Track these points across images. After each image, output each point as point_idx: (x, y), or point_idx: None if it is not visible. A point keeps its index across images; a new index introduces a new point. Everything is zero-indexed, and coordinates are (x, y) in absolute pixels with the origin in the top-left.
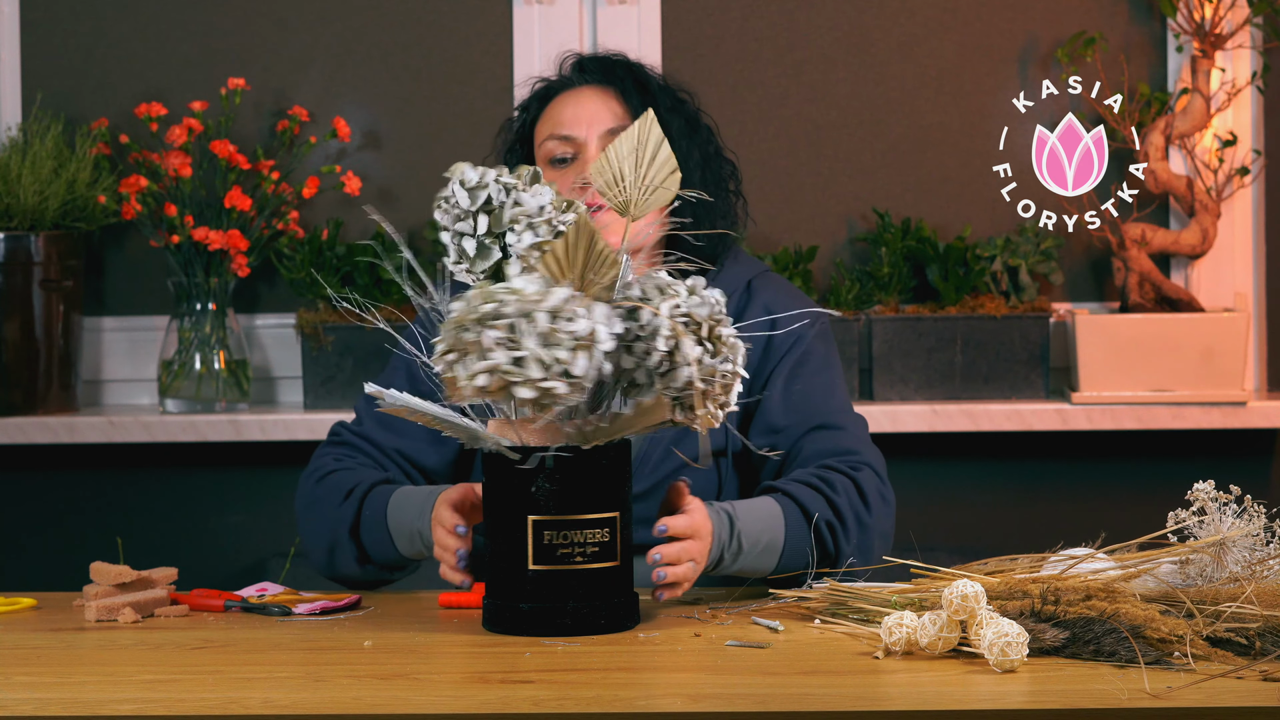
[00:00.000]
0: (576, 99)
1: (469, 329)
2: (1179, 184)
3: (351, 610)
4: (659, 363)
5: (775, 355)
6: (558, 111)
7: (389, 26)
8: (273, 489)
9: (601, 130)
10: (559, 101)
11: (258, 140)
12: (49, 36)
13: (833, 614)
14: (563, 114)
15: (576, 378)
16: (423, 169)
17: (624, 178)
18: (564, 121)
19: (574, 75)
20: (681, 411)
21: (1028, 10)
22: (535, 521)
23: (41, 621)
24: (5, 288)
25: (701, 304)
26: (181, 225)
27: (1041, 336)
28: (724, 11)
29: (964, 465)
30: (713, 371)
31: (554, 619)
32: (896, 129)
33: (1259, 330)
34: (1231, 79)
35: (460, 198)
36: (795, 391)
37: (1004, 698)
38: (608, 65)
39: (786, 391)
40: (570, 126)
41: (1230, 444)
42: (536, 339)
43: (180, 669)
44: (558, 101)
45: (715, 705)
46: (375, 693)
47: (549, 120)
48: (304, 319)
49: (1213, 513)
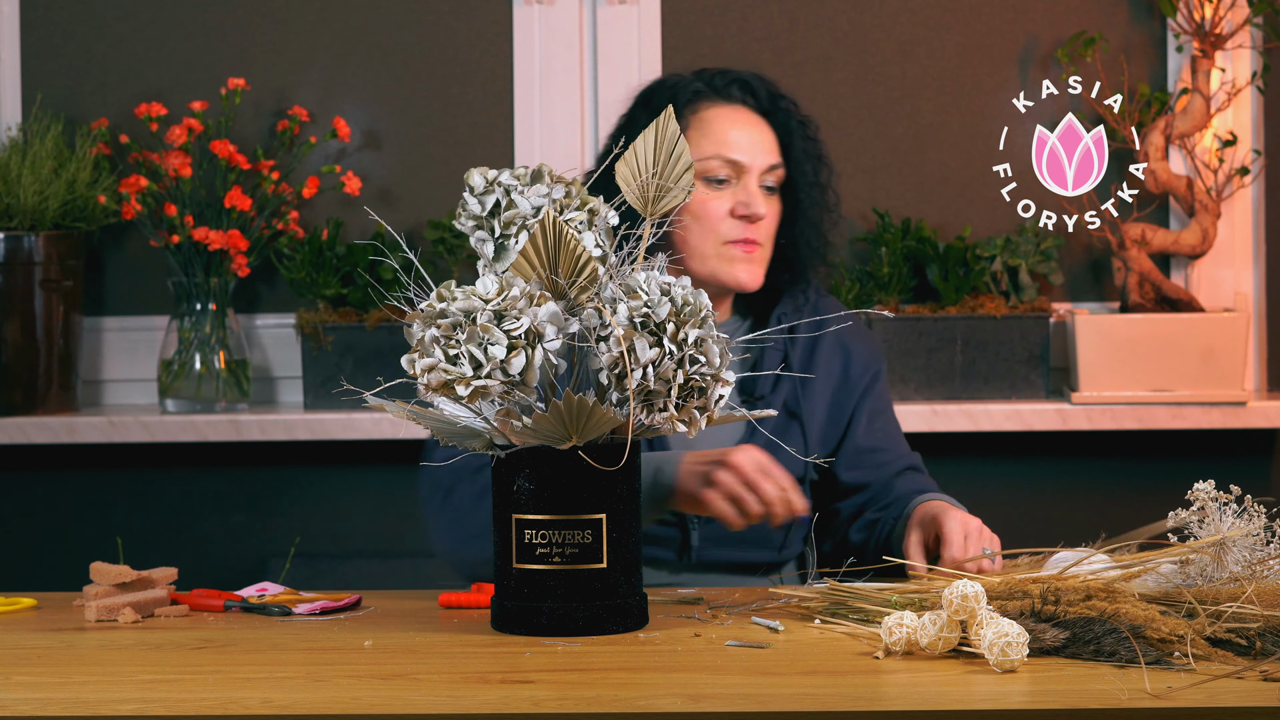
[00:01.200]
0: (743, 122)
1: (415, 327)
2: (1179, 184)
3: (351, 610)
4: (613, 363)
5: (855, 388)
6: (723, 129)
7: (389, 26)
8: (273, 489)
9: (765, 164)
10: (720, 117)
11: (258, 140)
12: (49, 36)
13: (833, 614)
14: (731, 134)
15: (511, 375)
16: (423, 169)
17: (643, 174)
18: (734, 144)
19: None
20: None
21: (1028, 10)
22: (518, 520)
23: (41, 621)
24: (5, 288)
25: (663, 305)
26: (181, 225)
27: (1041, 336)
28: (724, 11)
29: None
30: (669, 373)
31: (531, 618)
32: (896, 129)
33: (1259, 330)
34: (1231, 79)
35: (471, 204)
36: (878, 428)
37: (1004, 698)
38: (771, 95)
39: (870, 428)
40: (740, 150)
41: (1230, 444)
42: (472, 337)
43: (180, 669)
44: (718, 117)
45: (715, 705)
46: (375, 693)
47: (711, 136)
48: (304, 319)
49: (1213, 513)
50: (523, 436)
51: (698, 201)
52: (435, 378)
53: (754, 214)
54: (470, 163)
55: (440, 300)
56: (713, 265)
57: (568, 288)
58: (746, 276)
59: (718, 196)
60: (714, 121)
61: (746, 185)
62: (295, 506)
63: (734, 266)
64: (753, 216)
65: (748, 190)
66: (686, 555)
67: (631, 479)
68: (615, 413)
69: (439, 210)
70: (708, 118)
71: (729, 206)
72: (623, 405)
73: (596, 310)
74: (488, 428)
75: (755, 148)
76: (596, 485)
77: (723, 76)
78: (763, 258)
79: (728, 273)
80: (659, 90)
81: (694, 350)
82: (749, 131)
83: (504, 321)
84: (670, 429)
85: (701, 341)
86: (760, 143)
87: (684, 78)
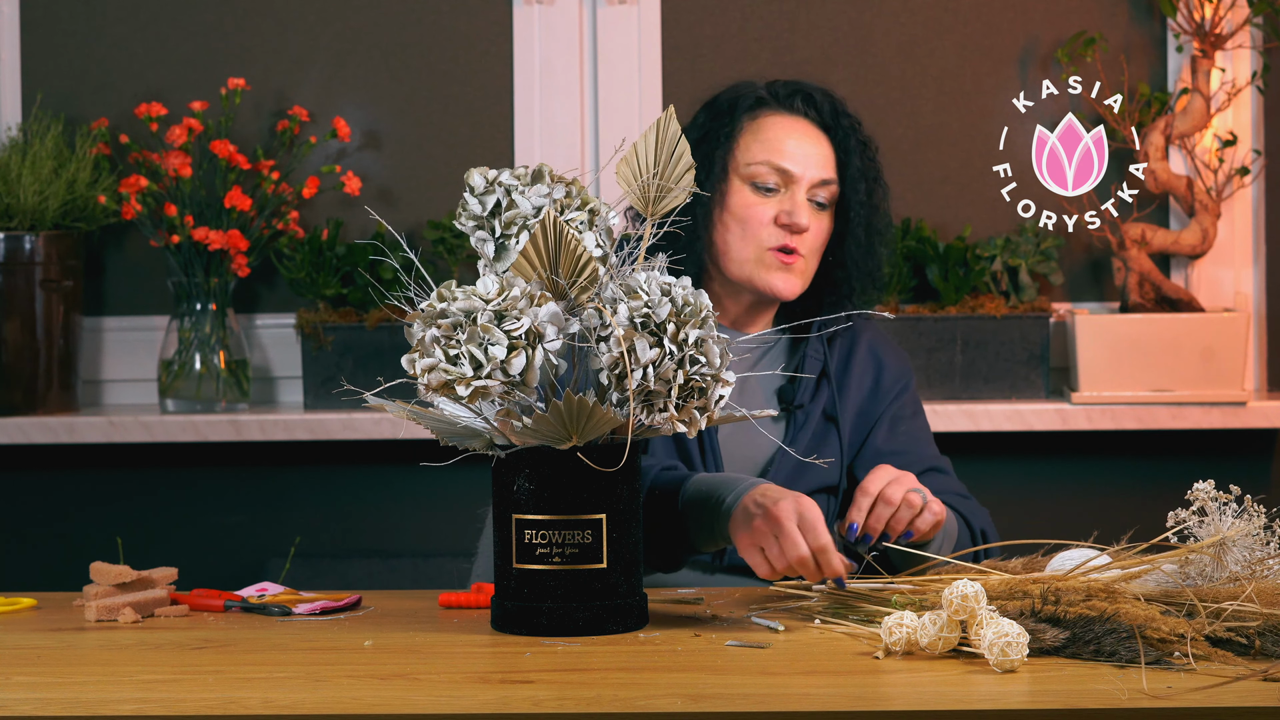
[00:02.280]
0: (799, 132)
1: (415, 327)
2: (1179, 184)
3: (351, 610)
4: (613, 363)
5: (885, 398)
6: (778, 138)
7: (389, 26)
8: (273, 489)
9: (816, 177)
10: (777, 126)
11: (258, 140)
12: (49, 36)
13: (833, 614)
14: (785, 144)
15: (511, 375)
16: (423, 169)
17: (644, 173)
18: (788, 153)
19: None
20: (649, 414)
21: (1028, 10)
22: (518, 520)
23: (41, 621)
24: (5, 288)
25: (664, 305)
26: (181, 225)
27: (1041, 336)
28: (724, 11)
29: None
30: (669, 373)
31: (531, 618)
32: (896, 129)
33: (1259, 330)
34: (1231, 79)
35: (471, 204)
36: (901, 432)
37: (1004, 698)
38: (835, 112)
39: (892, 432)
40: (792, 160)
41: (1230, 444)
42: (472, 337)
43: (180, 669)
44: (775, 125)
45: (715, 705)
46: (375, 693)
47: (766, 143)
48: (304, 319)
49: (1213, 513)
50: (523, 436)
51: (743, 205)
52: (435, 378)
53: (796, 224)
54: (470, 163)
55: (441, 300)
56: (750, 270)
57: (568, 288)
58: (782, 285)
59: (764, 203)
60: (769, 129)
61: (794, 195)
62: (295, 506)
63: (771, 274)
64: (795, 226)
65: (794, 200)
66: (720, 558)
67: (632, 479)
68: (615, 413)
69: (439, 210)
70: (765, 125)
71: (774, 214)
72: (623, 405)
73: (597, 310)
74: (488, 428)
75: (808, 160)
76: (597, 485)
77: (788, 87)
78: (803, 270)
79: (764, 279)
80: (723, 95)
81: (694, 350)
82: (804, 143)
83: (504, 322)
84: (670, 429)
85: (702, 342)
86: (814, 156)
87: (752, 85)
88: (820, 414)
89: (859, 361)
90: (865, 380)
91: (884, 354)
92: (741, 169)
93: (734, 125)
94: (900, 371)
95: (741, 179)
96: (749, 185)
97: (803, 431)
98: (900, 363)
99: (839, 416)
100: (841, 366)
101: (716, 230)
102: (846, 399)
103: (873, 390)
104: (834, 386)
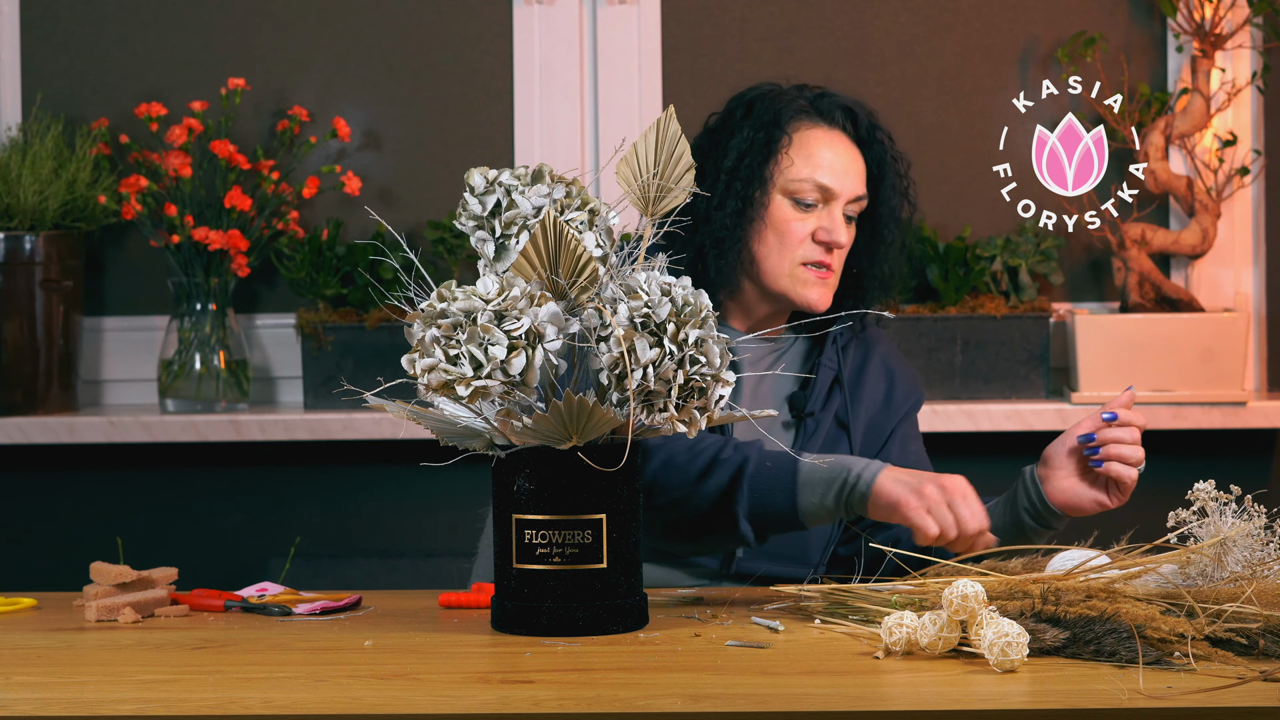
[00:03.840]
0: (837, 147)
1: (415, 327)
2: (1179, 184)
3: (351, 610)
4: (613, 363)
5: (896, 412)
6: (820, 154)
7: (389, 26)
8: (273, 489)
9: (853, 193)
10: (819, 140)
11: (258, 140)
12: (49, 36)
13: (833, 614)
14: (826, 159)
15: (511, 375)
16: (423, 169)
17: (644, 173)
18: (830, 169)
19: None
20: (649, 414)
21: (1028, 10)
22: (518, 520)
23: (41, 621)
24: (5, 288)
25: (664, 305)
26: (181, 225)
27: (1041, 336)
28: (724, 11)
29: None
30: (669, 373)
31: (531, 618)
32: (896, 129)
33: (1259, 330)
34: (1231, 79)
35: (471, 204)
36: (911, 451)
37: (1004, 698)
38: (871, 127)
39: (904, 450)
40: (834, 177)
41: (1230, 444)
42: (472, 337)
43: (180, 669)
44: (818, 140)
45: (715, 705)
46: (375, 693)
47: (810, 159)
48: (304, 319)
49: (1213, 513)
50: (523, 436)
51: (783, 220)
52: (435, 378)
53: (835, 241)
54: (470, 163)
55: (441, 300)
56: (785, 284)
57: (568, 288)
58: (817, 298)
59: (803, 218)
60: (813, 144)
61: (832, 212)
62: (295, 506)
63: (806, 288)
64: (833, 244)
65: (832, 217)
66: (727, 566)
67: (632, 479)
68: (615, 413)
69: (439, 210)
70: (808, 139)
71: (812, 229)
72: (623, 405)
73: (597, 310)
74: (488, 428)
75: (847, 176)
76: (597, 485)
77: (828, 100)
78: (834, 284)
79: (800, 293)
80: (763, 101)
81: (694, 350)
82: (844, 159)
83: (504, 322)
84: (670, 429)
85: (702, 342)
86: (852, 172)
87: (787, 91)
88: (832, 420)
89: (872, 372)
90: (878, 391)
91: (896, 367)
92: (783, 183)
93: (778, 136)
94: (911, 388)
95: (782, 193)
96: (790, 200)
97: (814, 438)
98: (911, 379)
99: (850, 424)
100: (855, 375)
101: (754, 240)
102: (859, 407)
103: (885, 402)
104: (846, 394)
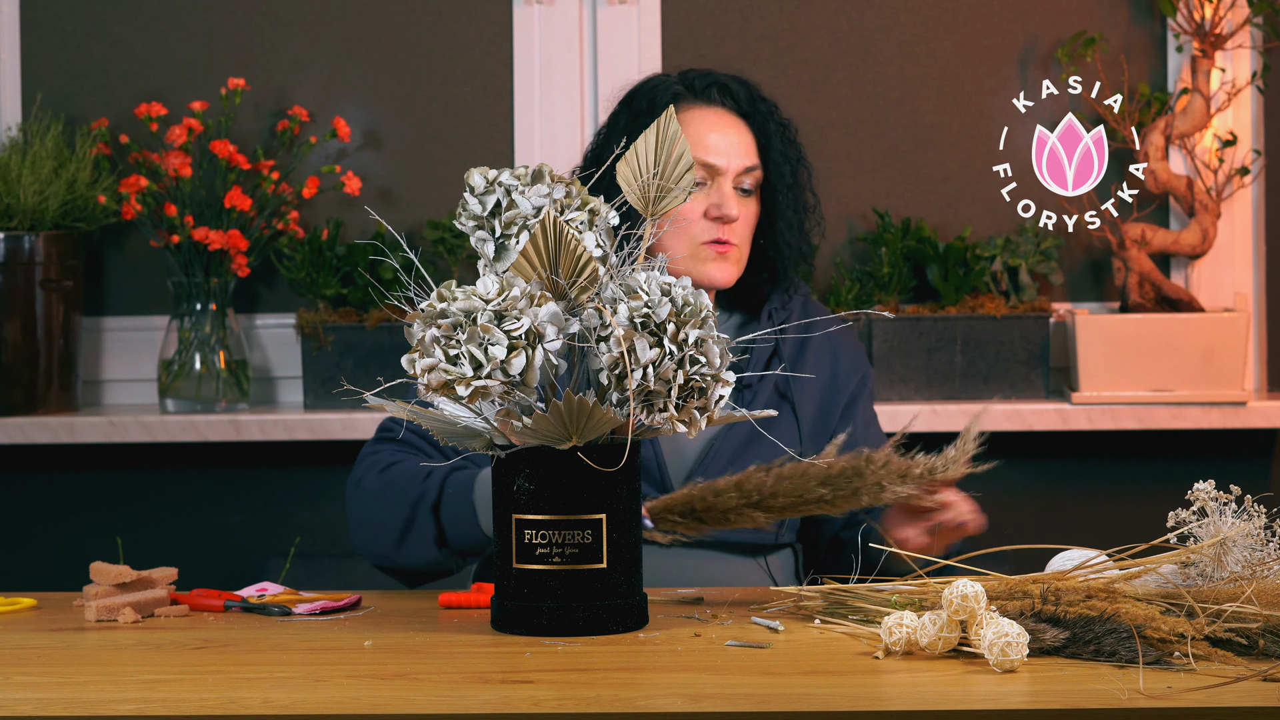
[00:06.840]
0: (720, 124)
1: (415, 327)
2: (1179, 184)
3: (351, 610)
4: (613, 363)
5: (844, 389)
6: (699, 133)
7: (389, 26)
8: (273, 489)
9: (740, 166)
10: (697, 120)
11: (258, 140)
12: (49, 36)
13: (833, 614)
14: (707, 137)
15: (511, 375)
16: (423, 169)
17: (644, 173)
18: (709, 147)
19: (714, 94)
20: (649, 414)
21: (1028, 10)
22: (518, 520)
23: (41, 621)
24: (5, 288)
25: (663, 305)
26: (181, 225)
27: (1041, 336)
28: (724, 11)
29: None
30: (669, 373)
31: (531, 618)
32: (896, 129)
33: (1259, 330)
34: (1231, 79)
35: (471, 204)
36: (872, 434)
37: (1004, 698)
38: (751, 98)
39: (867, 433)
40: (715, 153)
41: (1230, 444)
42: (472, 337)
43: (180, 669)
44: (695, 119)
45: (715, 705)
46: (375, 693)
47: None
48: (304, 319)
49: (1213, 513)
50: (523, 437)
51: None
52: (435, 378)
53: (726, 216)
54: (470, 163)
55: (441, 300)
56: (686, 265)
57: (568, 288)
58: (720, 275)
59: (692, 199)
60: (691, 124)
61: (721, 188)
62: (295, 506)
63: (707, 266)
64: (725, 218)
65: (721, 193)
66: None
67: (631, 479)
68: (615, 413)
69: (439, 210)
70: (685, 120)
71: (703, 208)
72: (623, 405)
73: (597, 310)
74: (488, 428)
75: (731, 150)
76: (596, 485)
77: (704, 79)
78: (737, 257)
79: (701, 272)
80: (641, 90)
81: (694, 351)
82: (726, 134)
83: (504, 322)
84: (670, 429)
85: (702, 342)
86: (736, 145)
87: (667, 78)
88: (772, 390)
89: (813, 352)
90: (822, 369)
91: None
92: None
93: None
94: (856, 364)
95: None
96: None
97: (750, 408)
98: (856, 356)
99: (791, 393)
100: (795, 354)
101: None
102: (803, 383)
103: (830, 380)
104: (787, 365)
